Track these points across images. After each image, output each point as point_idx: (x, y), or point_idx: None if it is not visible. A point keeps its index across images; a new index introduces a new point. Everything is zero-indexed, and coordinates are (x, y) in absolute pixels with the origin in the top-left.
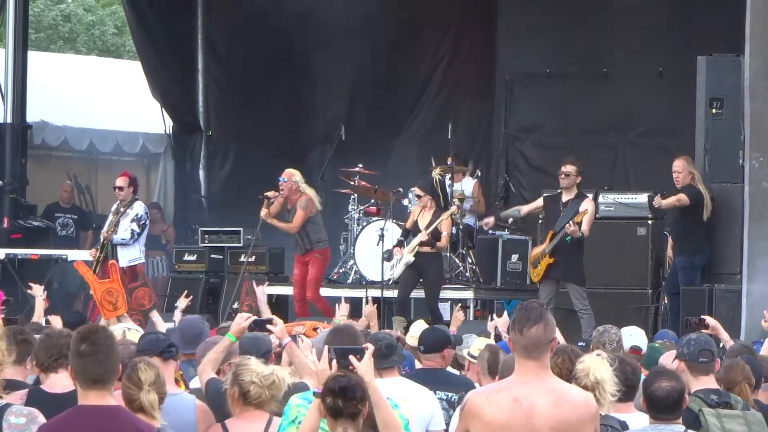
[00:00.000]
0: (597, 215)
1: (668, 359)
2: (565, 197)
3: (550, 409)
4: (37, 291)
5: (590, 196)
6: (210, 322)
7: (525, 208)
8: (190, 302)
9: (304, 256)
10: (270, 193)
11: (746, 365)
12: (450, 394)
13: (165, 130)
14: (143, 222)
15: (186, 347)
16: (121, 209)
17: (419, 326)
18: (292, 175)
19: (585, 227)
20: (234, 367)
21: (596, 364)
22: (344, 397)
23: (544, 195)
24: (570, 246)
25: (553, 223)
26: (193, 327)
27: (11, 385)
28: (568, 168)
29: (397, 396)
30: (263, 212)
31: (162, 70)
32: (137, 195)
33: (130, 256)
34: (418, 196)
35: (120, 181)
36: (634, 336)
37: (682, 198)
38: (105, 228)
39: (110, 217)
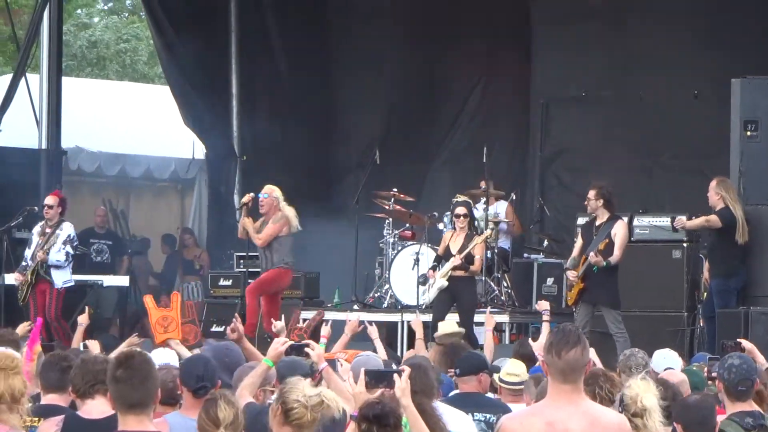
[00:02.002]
0: (632, 238)
1: (672, 377)
2: (598, 221)
3: None
4: (82, 320)
5: (625, 219)
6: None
7: (574, 255)
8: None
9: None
10: (245, 198)
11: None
12: (488, 416)
13: (193, 155)
14: (75, 244)
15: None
16: (47, 230)
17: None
18: (272, 191)
19: (617, 252)
20: (282, 385)
21: (644, 391)
22: (378, 424)
23: (579, 226)
24: (603, 270)
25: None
26: (220, 352)
27: (51, 411)
28: (590, 193)
29: None
30: (244, 220)
31: (194, 97)
32: (64, 216)
33: (64, 278)
34: (465, 216)
35: (50, 200)
36: (667, 358)
37: (713, 219)
38: (35, 249)
39: (36, 239)
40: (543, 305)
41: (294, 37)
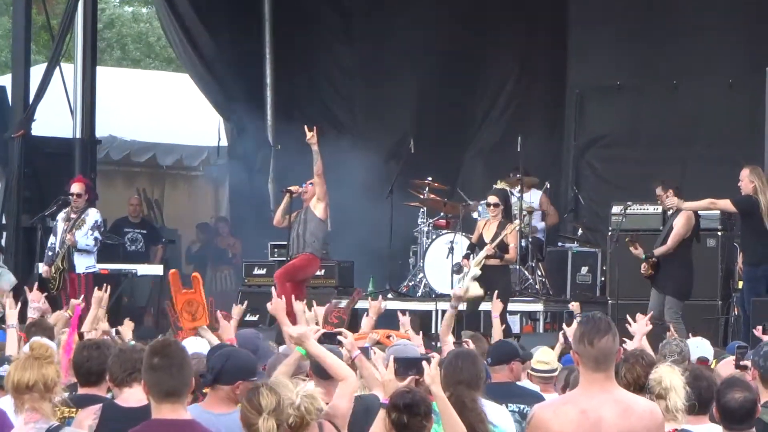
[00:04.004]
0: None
1: (726, 368)
2: (670, 212)
3: (618, 420)
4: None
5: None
6: (280, 336)
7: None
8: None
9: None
10: (295, 188)
11: None
12: (522, 406)
13: (218, 143)
14: (103, 229)
15: None
16: (72, 215)
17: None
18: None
19: (669, 242)
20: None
21: (668, 373)
22: (409, 413)
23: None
24: (672, 261)
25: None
26: (249, 342)
27: (88, 400)
28: (657, 189)
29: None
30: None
31: (226, 87)
32: (92, 203)
33: (87, 263)
34: (496, 205)
35: (77, 188)
36: (700, 347)
37: (721, 204)
38: (62, 236)
39: (61, 225)
40: (576, 308)
41: (328, 25)
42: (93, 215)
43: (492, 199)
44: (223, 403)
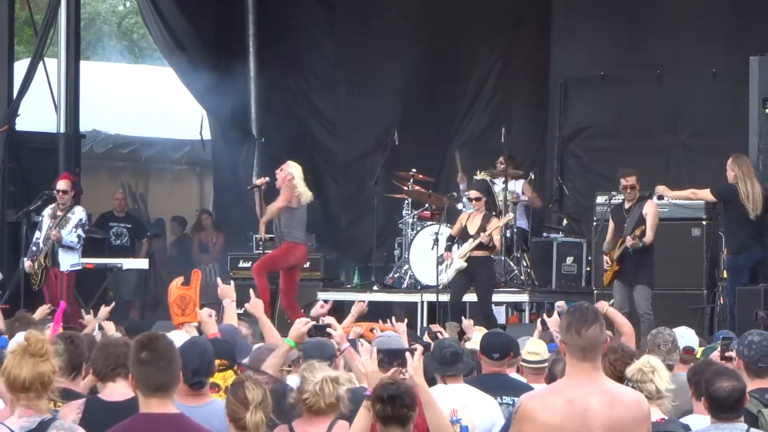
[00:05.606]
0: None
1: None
2: (628, 203)
3: (604, 409)
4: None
5: (654, 198)
6: None
7: (609, 239)
8: None
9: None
10: (259, 181)
11: None
12: (516, 399)
13: (201, 137)
14: (87, 228)
15: (218, 357)
16: (59, 213)
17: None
18: (288, 165)
19: (649, 233)
20: (302, 372)
21: (649, 357)
22: (393, 404)
23: (609, 210)
24: (639, 250)
25: (622, 231)
26: (229, 337)
27: (67, 396)
28: (631, 180)
29: (458, 402)
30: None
31: (208, 80)
32: (77, 199)
33: (72, 261)
34: (477, 199)
35: (63, 184)
36: (685, 337)
37: (701, 193)
38: (47, 232)
39: (47, 221)
40: (563, 306)
41: (313, 19)
42: (78, 213)
43: (473, 194)
44: (195, 394)
